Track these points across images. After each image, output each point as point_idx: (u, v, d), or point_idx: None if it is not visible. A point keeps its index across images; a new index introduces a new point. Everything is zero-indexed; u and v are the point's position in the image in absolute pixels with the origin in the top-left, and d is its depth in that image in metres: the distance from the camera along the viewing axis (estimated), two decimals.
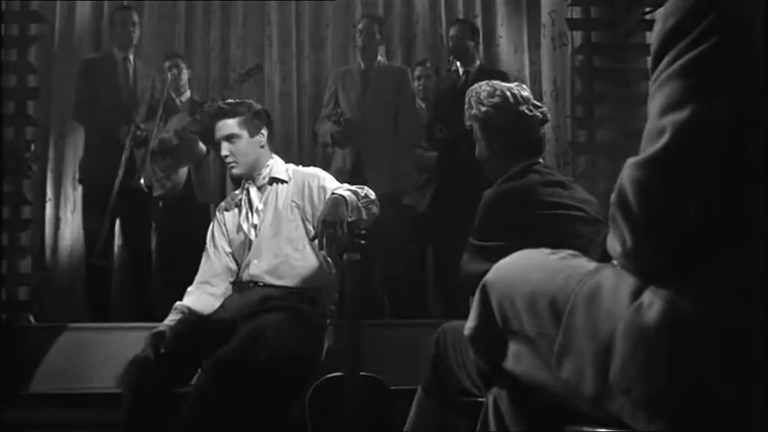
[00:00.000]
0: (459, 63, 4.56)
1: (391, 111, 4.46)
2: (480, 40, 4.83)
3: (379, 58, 4.64)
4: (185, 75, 4.73)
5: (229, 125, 2.79)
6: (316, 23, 5.67)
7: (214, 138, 2.85)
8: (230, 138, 2.78)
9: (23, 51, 4.25)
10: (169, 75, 4.50)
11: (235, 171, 2.81)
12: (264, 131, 2.85)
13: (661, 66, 1.08)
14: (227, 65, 5.58)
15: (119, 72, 4.51)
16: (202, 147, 4.36)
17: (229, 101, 2.91)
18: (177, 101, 4.64)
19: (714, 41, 1.03)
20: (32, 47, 4.39)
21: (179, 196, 4.43)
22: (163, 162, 4.33)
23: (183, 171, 4.43)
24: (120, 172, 4.20)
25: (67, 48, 5.31)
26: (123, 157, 4.22)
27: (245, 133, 2.80)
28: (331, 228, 2.43)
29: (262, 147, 2.84)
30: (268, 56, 5.55)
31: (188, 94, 4.73)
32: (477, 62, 4.62)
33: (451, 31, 4.64)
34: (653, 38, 1.11)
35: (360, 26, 4.64)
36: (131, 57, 4.57)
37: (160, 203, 4.50)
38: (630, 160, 1.08)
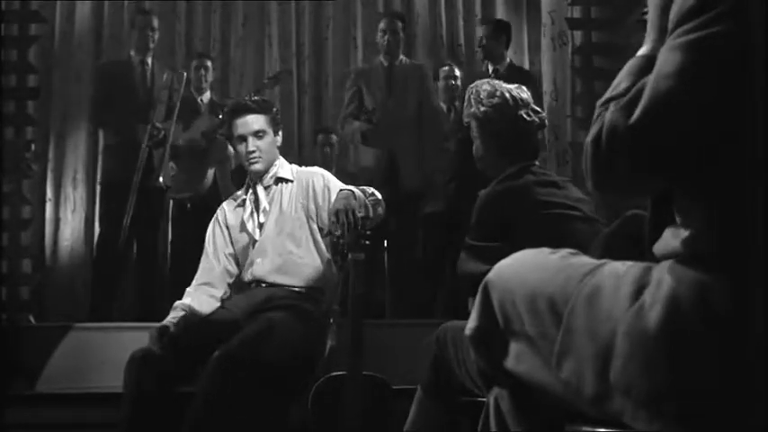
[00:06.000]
0: (488, 62, 4.51)
1: (416, 108, 4.44)
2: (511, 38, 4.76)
3: (401, 56, 4.61)
4: (210, 75, 4.75)
5: (259, 121, 2.79)
6: (316, 23, 5.67)
7: (233, 133, 2.82)
8: (258, 133, 2.79)
9: (23, 51, 4.26)
10: (189, 74, 4.50)
11: (257, 166, 2.80)
12: (281, 133, 2.88)
13: (675, 33, 1.09)
14: (228, 65, 5.58)
15: (136, 75, 4.53)
16: (231, 149, 4.38)
17: (255, 98, 2.90)
18: (198, 100, 4.66)
19: (727, 26, 1.04)
20: (32, 47, 4.40)
21: (205, 197, 4.41)
22: (190, 164, 4.33)
23: (210, 173, 4.46)
24: (139, 172, 4.20)
25: (67, 48, 5.32)
26: (141, 157, 4.23)
27: (270, 131, 2.82)
28: (344, 215, 2.45)
29: (277, 147, 2.86)
30: (268, 56, 5.56)
31: (208, 94, 4.75)
32: (507, 60, 4.56)
33: (481, 32, 4.59)
34: (672, 10, 1.11)
35: (382, 25, 4.58)
36: (149, 60, 4.58)
37: (188, 205, 4.49)
38: (615, 106, 1.11)
